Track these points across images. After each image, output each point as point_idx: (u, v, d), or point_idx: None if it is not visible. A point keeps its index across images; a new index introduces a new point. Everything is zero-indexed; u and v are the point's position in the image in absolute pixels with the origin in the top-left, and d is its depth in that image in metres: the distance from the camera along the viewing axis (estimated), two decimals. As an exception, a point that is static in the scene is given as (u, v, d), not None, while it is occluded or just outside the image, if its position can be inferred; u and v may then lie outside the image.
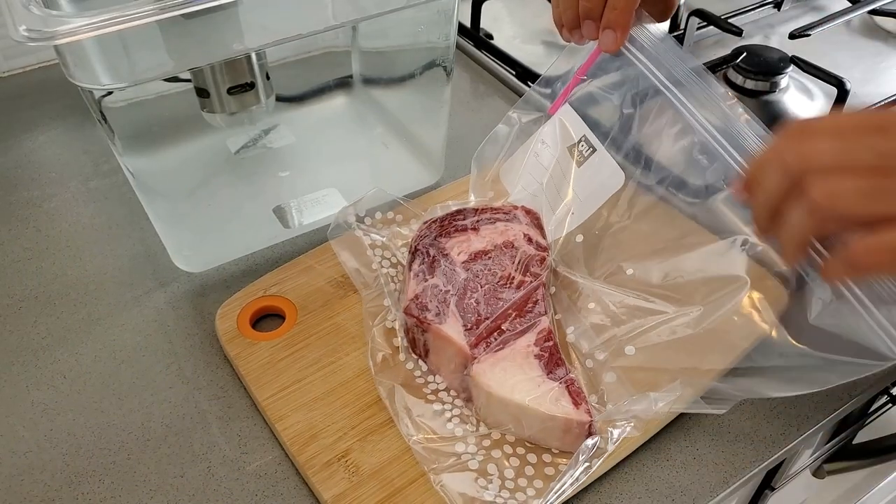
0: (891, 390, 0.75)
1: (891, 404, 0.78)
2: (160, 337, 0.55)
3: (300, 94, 0.69)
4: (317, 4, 0.50)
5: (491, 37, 0.88)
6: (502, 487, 0.45)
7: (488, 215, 0.57)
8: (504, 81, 0.82)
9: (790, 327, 0.46)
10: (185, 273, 0.60)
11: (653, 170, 0.53)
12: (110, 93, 0.49)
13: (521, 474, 0.46)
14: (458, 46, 0.84)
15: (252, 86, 0.57)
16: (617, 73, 0.53)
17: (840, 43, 0.88)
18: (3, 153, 0.71)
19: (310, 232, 0.63)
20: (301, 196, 0.65)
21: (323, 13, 0.50)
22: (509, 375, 0.48)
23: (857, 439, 0.81)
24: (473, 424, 0.49)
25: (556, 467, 0.46)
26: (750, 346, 0.48)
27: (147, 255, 0.61)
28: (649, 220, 0.54)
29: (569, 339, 0.53)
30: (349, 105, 0.72)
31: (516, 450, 0.47)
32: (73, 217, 0.65)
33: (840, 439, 0.79)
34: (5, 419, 0.50)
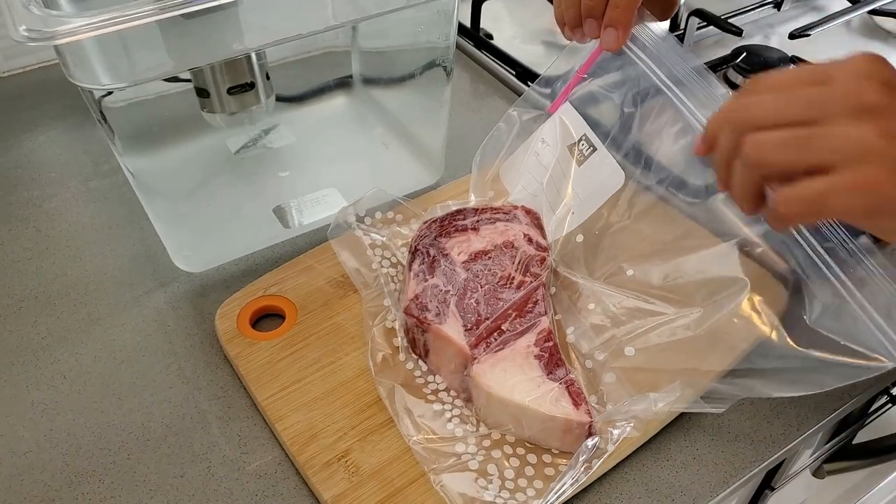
0: (891, 390, 0.75)
1: (891, 404, 0.78)
2: (160, 337, 0.55)
3: (300, 94, 0.69)
4: (317, 4, 0.50)
5: (491, 37, 0.88)
6: (502, 488, 0.45)
7: (488, 215, 0.57)
8: (504, 81, 0.82)
9: (790, 329, 0.46)
10: (185, 273, 0.60)
11: (653, 169, 0.53)
12: (110, 93, 0.49)
13: (521, 474, 0.46)
14: (458, 46, 0.84)
15: (252, 86, 0.57)
16: (618, 72, 0.53)
17: (840, 43, 0.88)
18: (3, 153, 0.71)
19: (310, 232, 0.63)
20: (301, 196, 0.65)
21: (323, 13, 0.50)
22: (509, 376, 0.48)
23: (857, 439, 0.81)
24: (473, 425, 0.49)
25: (556, 468, 0.46)
26: (749, 347, 0.48)
27: (147, 255, 0.61)
28: (649, 220, 0.54)
29: (569, 339, 0.53)
30: (349, 105, 0.72)
31: (516, 450, 0.47)
32: (73, 217, 0.65)
33: (840, 439, 0.79)
34: (5, 419, 0.50)
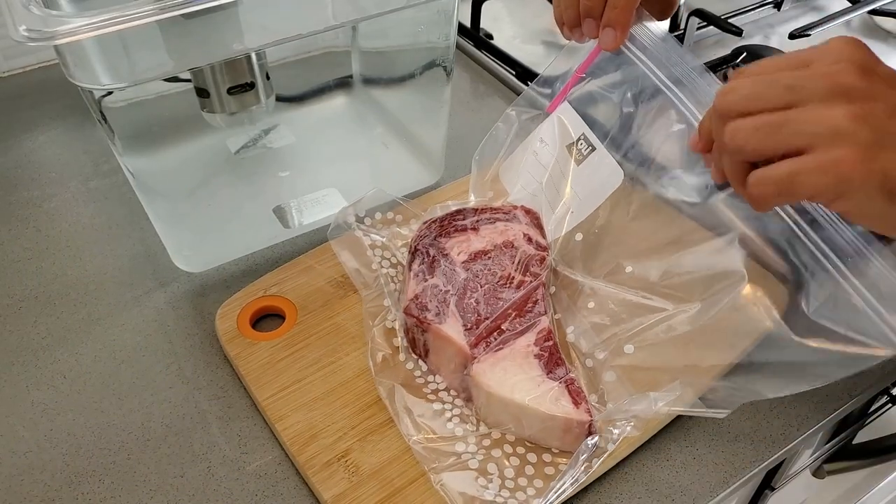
0: (891, 390, 0.74)
1: (891, 404, 0.78)
2: (160, 337, 0.55)
3: (300, 94, 0.69)
4: (317, 4, 0.50)
5: (491, 37, 0.88)
6: (502, 487, 0.45)
7: (488, 215, 0.57)
8: (504, 81, 0.82)
9: (790, 322, 0.46)
10: (185, 273, 0.60)
11: (652, 168, 0.53)
12: (110, 93, 0.49)
13: (522, 474, 0.46)
14: (458, 46, 0.85)
15: (252, 86, 0.57)
16: (617, 71, 0.53)
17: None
18: (3, 153, 0.71)
19: (310, 232, 0.63)
20: (301, 196, 0.65)
21: (323, 13, 0.50)
22: (509, 375, 0.48)
23: (857, 439, 0.81)
24: (473, 424, 0.49)
25: (557, 467, 0.46)
26: (751, 344, 0.48)
27: (147, 255, 0.61)
28: (648, 218, 0.54)
29: (568, 338, 0.53)
30: (349, 105, 0.72)
31: (516, 449, 0.47)
32: (73, 217, 0.65)
33: (840, 439, 0.79)
34: (5, 419, 0.50)
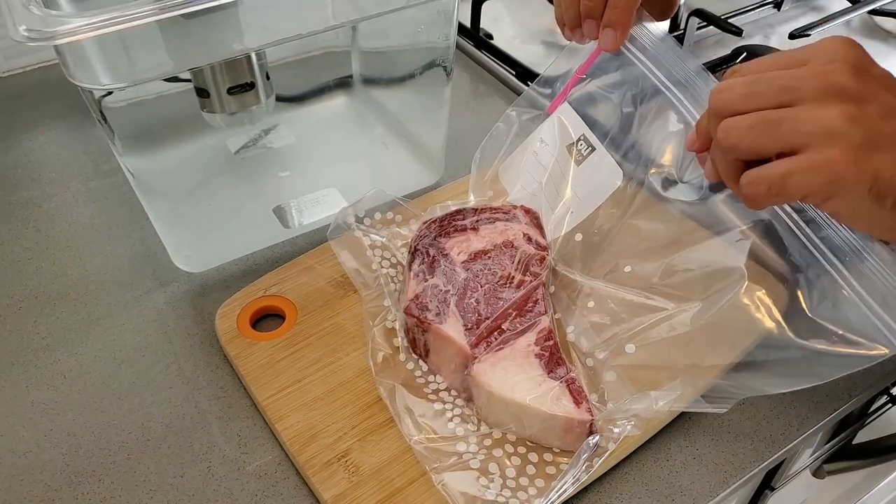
0: (891, 390, 0.75)
1: (891, 404, 0.78)
2: (160, 337, 0.55)
3: (300, 94, 0.69)
4: (317, 4, 0.50)
5: (491, 37, 0.88)
6: (504, 486, 0.45)
7: (488, 215, 0.57)
8: (504, 81, 0.82)
9: (789, 321, 0.46)
10: (185, 273, 0.60)
11: (652, 168, 0.53)
12: (110, 93, 0.49)
13: (523, 473, 0.46)
14: (458, 46, 0.85)
15: (252, 86, 0.57)
16: (617, 72, 0.53)
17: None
18: (3, 153, 0.71)
19: (310, 232, 0.63)
20: (301, 196, 0.65)
21: (323, 13, 0.50)
22: (510, 375, 0.48)
23: (857, 439, 0.81)
24: (474, 424, 0.49)
25: (558, 466, 0.46)
26: (751, 344, 0.48)
27: (147, 255, 0.61)
28: (648, 218, 0.54)
29: (569, 338, 0.53)
30: (349, 105, 0.72)
31: (517, 449, 0.47)
32: (73, 217, 0.65)
33: (840, 439, 0.79)
34: (5, 419, 0.50)
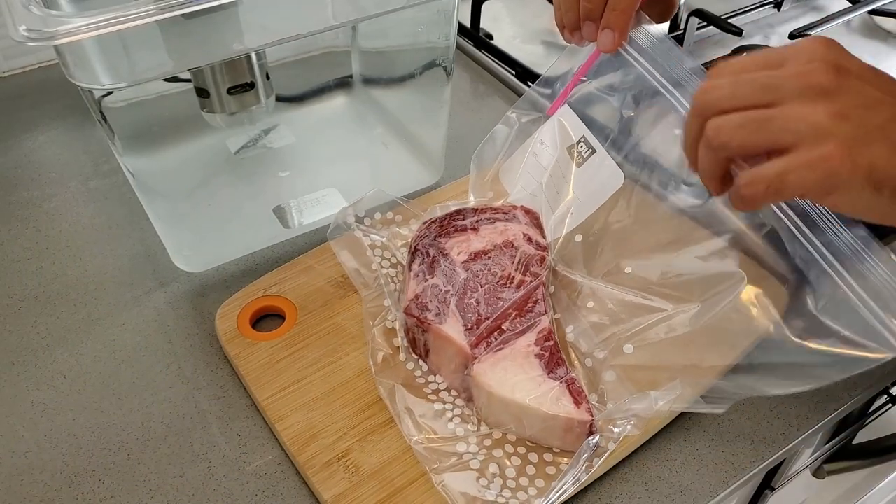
0: (891, 390, 0.75)
1: (891, 404, 0.78)
2: (160, 337, 0.55)
3: (300, 94, 0.69)
4: (317, 4, 0.50)
5: (491, 37, 0.88)
6: (504, 487, 0.45)
7: (488, 215, 0.57)
8: (504, 81, 0.82)
9: (789, 324, 0.46)
10: (185, 273, 0.60)
11: (652, 170, 0.53)
12: (110, 93, 0.49)
13: (523, 473, 0.46)
14: (458, 46, 0.85)
15: (252, 86, 0.57)
16: (617, 74, 0.53)
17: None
18: (3, 153, 0.71)
19: (310, 232, 0.63)
20: (301, 196, 0.65)
21: (323, 13, 0.50)
22: (510, 375, 0.48)
23: (857, 439, 0.81)
24: (474, 424, 0.49)
25: (558, 466, 0.46)
26: (750, 344, 0.48)
27: (147, 255, 0.61)
28: (648, 219, 0.54)
29: (568, 338, 0.53)
30: (349, 105, 0.72)
31: (517, 449, 0.47)
32: (73, 217, 0.65)
33: (840, 439, 0.79)
34: (5, 419, 0.50)
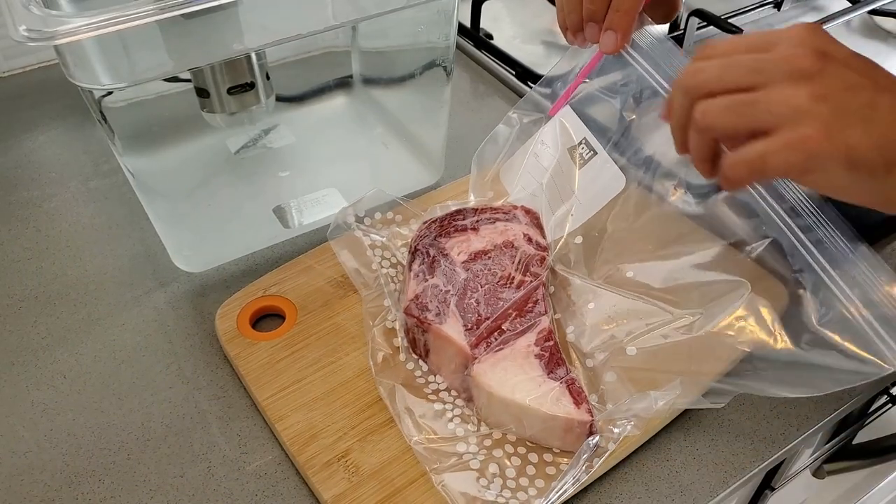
0: (891, 390, 0.75)
1: (891, 404, 0.78)
2: (160, 337, 0.55)
3: (300, 94, 0.69)
4: (317, 4, 0.50)
5: (491, 37, 0.88)
6: (504, 487, 0.45)
7: (488, 215, 0.57)
8: (504, 81, 0.82)
9: (790, 332, 0.46)
10: (185, 273, 0.60)
11: (654, 172, 0.53)
12: (110, 93, 0.49)
13: (523, 474, 0.46)
14: (458, 46, 0.84)
15: (252, 86, 0.57)
16: (619, 75, 0.53)
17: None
18: (3, 153, 0.71)
19: (310, 232, 0.63)
20: (301, 196, 0.65)
21: (323, 13, 0.50)
22: (510, 375, 0.48)
23: (857, 439, 0.81)
24: (474, 424, 0.49)
25: (558, 467, 0.46)
26: (750, 350, 0.48)
27: (147, 255, 0.61)
28: (650, 222, 0.54)
29: (569, 338, 0.53)
30: (349, 105, 0.72)
31: (517, 449, 0.47)
32: (73, 217, 0.65)
33: (840, 439, 0.79)
34: (5, 419, 0.50)
